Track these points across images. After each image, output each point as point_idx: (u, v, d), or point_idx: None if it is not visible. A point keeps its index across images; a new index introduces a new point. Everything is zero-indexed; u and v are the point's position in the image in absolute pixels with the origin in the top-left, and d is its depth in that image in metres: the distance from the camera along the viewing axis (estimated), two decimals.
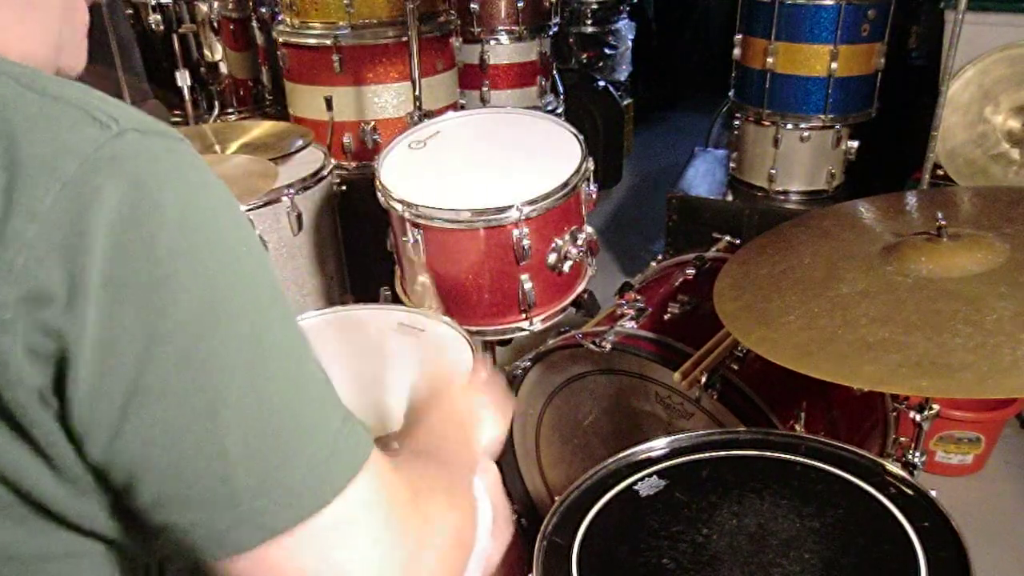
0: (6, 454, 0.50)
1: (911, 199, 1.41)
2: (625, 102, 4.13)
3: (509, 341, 1.72)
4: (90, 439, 0.49)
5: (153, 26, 2.71)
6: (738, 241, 1.86)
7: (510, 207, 1.48)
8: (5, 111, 0.48)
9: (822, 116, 2.54)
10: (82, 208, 0.46)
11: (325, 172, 2.00)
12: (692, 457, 1.09)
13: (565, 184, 1.54)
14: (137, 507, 0.52)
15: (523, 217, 1.49)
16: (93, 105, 0.50)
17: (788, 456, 1.07)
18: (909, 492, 0.98)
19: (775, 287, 1.19)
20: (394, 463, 0.62)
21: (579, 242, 1.60)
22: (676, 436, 1.12)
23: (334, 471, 0.54)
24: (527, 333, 1.63)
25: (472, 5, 2.90)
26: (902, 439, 1.48)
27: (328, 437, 0.55)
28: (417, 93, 2.00)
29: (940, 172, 2.32)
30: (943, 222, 1.13)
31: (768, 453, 1.08)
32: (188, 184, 0.51)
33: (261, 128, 2.13)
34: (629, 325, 1.51)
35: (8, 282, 0.45)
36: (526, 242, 1.51)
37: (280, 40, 2.43)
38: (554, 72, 3.26)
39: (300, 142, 2.03)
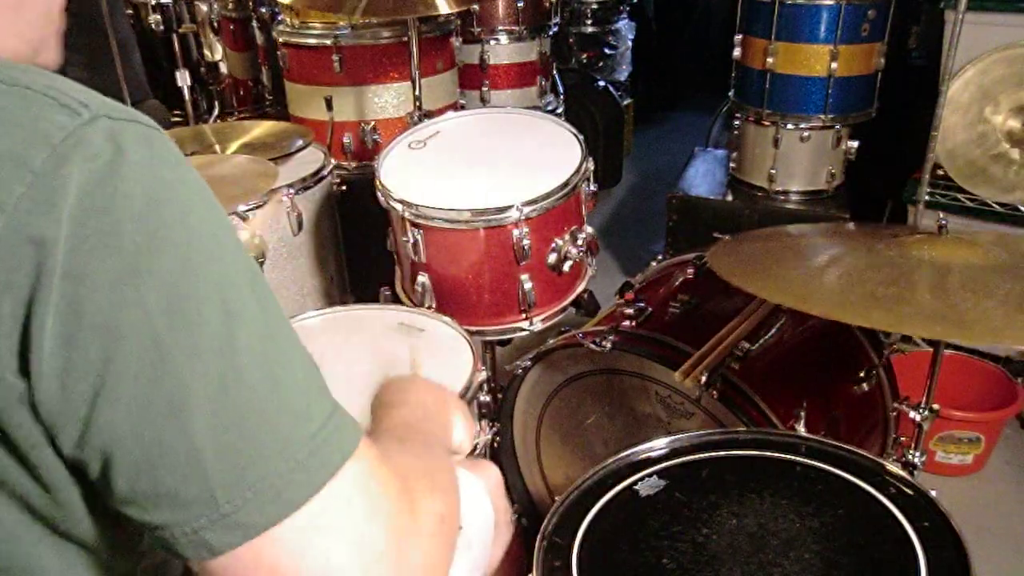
0: None
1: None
2: (625, 102, 4.13)
3: (509, 341, 1.72)
4: (60, 433, 0.48)
5: (153, 26, 2.71)
6: None
7: (510, 207, 1.48)
8: None
9: (822, 116, 2.54)
10: (50, 199, 0.45)
11: (325, 172, 2.00)
12: (692, 457, 1.09)
13: (565, 184, 1.54)
14: (114, 504, 0.51)
15: (523, 217, 1.49)
16: (62, 92, 0.49)
17: (788, 456, 1.07)
18: (909, 492, 0.98)
19: (774, 259, 1.20)
20: (381, 450, 0.60)
21: (579, 242, 1.60)
22: (676, 436, 1.12)
23: (314, 466, 0.52)
24: (527, 333, 1.63)
25: (472, 5, 2.90)
26: (902, 439, 1.48)
27: (309, 430, 0.52)
28: (417, 93, 2.00)
29: (940, 172, 2.32)
30: (943, 221, 1.13)
31: (768, 453, 1.08)
32: (157, 174, 0.50)
33: (261, 128, 2.13)
34: (629, 325, 1.51)
35: None
36: (526, 242, 1.51)
37: (280, 40, 2.43)
38: (554, 72, 3.26)
39: (300, 142, 2.03)
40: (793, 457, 1.07)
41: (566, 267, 1.59)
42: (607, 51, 4.35)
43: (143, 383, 0.47)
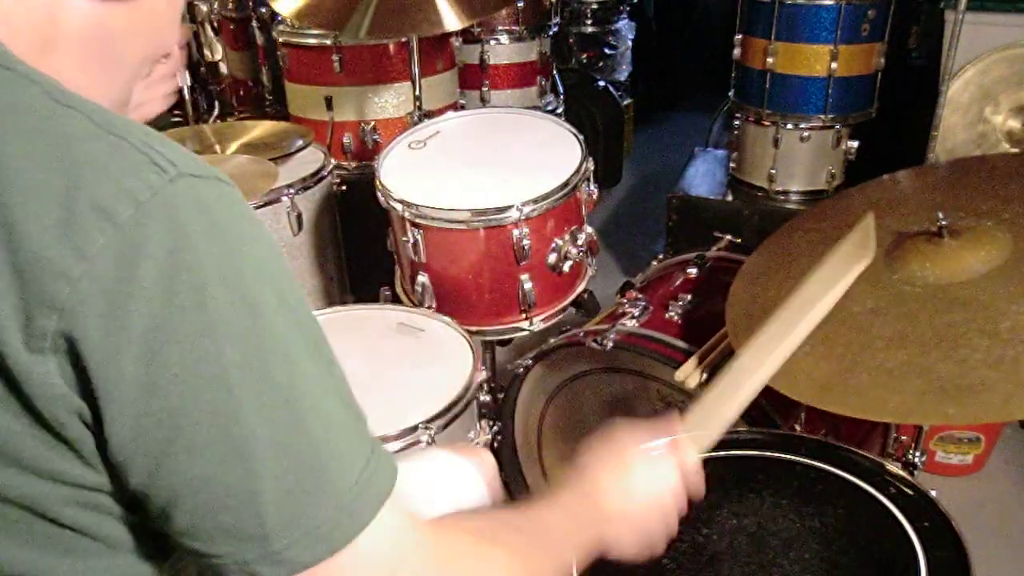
0: (47, 462, 0.51)
1: (903, 183, 1.40)
2: (625, 102, 4.12)
3: (509, 341, 1.72)
4: (130, 471, 0.51)
5: None
6: (739, 241, 1.86)
7: (510, 207, 1.48)
8: (72, 147, 0.49)
9: (822, 116, 2.54)
10: (132, 254, 0.48)
11: (325, 172, 2.00)
12: None
13: (565, 184, 1.54)
14: (169, 532, 0.54)
15: (523, 217, 1.49)
16: (155, 149, 0.51)
17: (788, 456, 1.07)
18: (909, 492, 0.98)
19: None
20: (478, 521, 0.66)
21: (579, 242, 1.60)
22: (676, 436, 1.12)
23: (361, 507, 0.56)
24: (527, 333, 1.63)
25: (475, 20, 2.90)
26: (902, 439, 1.48)
27: (354, 475, 0.56)
28: (417, 93, 2.00)
29: None
30: (943, 222, 1.13)
31: (768, 453, 1.08)
32: (237, 232, 0.53)
33: (261, 128, 2.13)
34: (631, 323, 1.51)
35: (50, 315, 0.47)
36: (526, 242, 1.51)
37: (280, 40, 2.43)
38: (554, 72, 3.26)
39: (300, 142, 2.03)
40: (793, 457, 1.07)
41: (566, 267, 1.59)
42: (607, 51, 4.34)
43: (216, 431, 0.51)
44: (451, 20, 1.77)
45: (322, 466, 0.55)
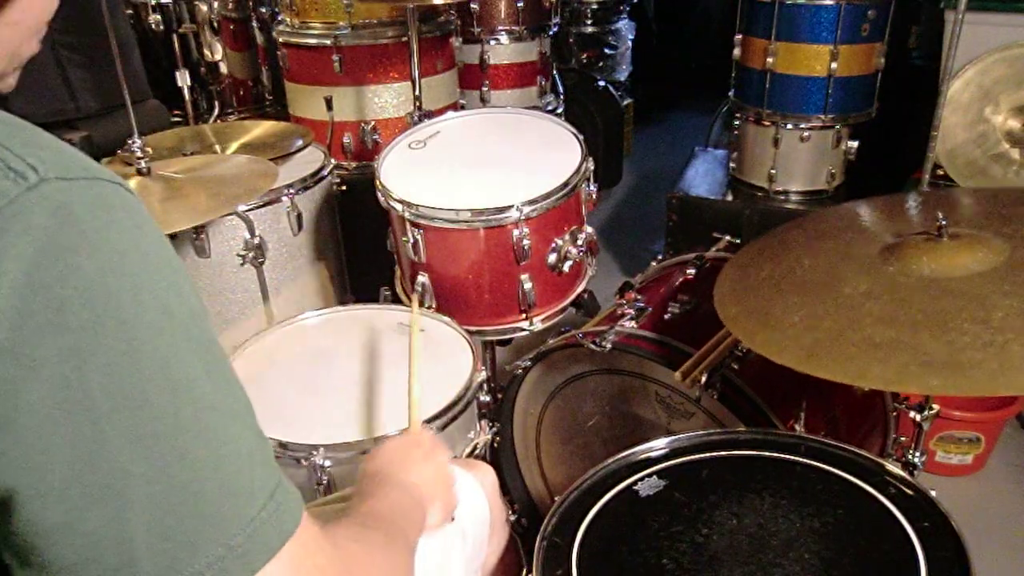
0: None
1: (910, 201, 1.41)
2: (625, 102, 4.12)
3: (509, 341, 1.72)
4: None
5: (153, 26, 2.71)
6: (738, 241, 1.86)
7: (510, 207, 1.48)
8: None
9: (822, 116, 2.54)
10: None
11: (325, 172, 2.00)
12: (692, 457, 1.09)
13: (565, 184, 1.54)
14: None
15: (523, 217, 1.49)
16: (13, 151, 0.45)
17: (788, 456, 1.07)
18: (909, 492, 0.98)
19: (776, 290, 1.19)
20: (335, 532, 0.60)
21: (579, 242, 1.60)
22: (676, 436, 1.12)
23: (252, 550, 0.50)
24: (527, 333, 1.63)
25: (472, 5, 2.90)
26: (902, 439, 1.48)
27: (250, 512, 0.50)
28: (417, 93, 2.00)
29: (940, 172, 2.31)
30: (943, 222, 1.13)
31: (768, 453, 1.08)
32: (110, 243, 0.47)
33: (261, 128, 2.13)
34: (629, 325, 1.51)
35: None
36: (526, 242, 1.51)
37: (280, 40, 2.43)
38: (554, 72, 3.26)
39: (300, 142, 2.03)
40: (793, 457, 1.07)
41: (566, 267, 1.59)
42: (607, 51, 4.34)
43: (79, 469, 0.45)
44: None
45: (208, 503, 0.48)
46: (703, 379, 1.33)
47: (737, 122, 2.76)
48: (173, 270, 0.51)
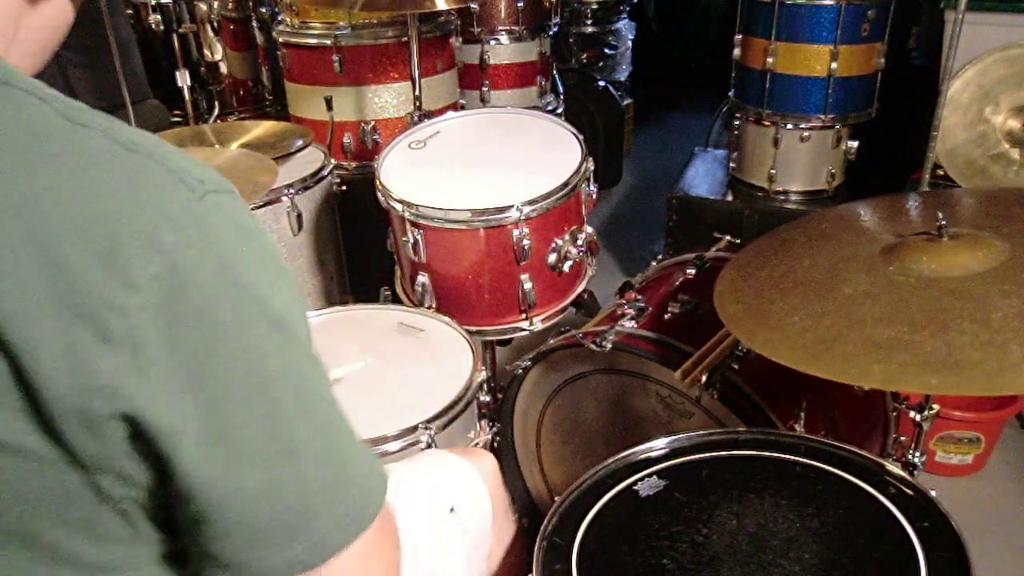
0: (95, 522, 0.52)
1: (910, 201, 1.41)
2: (625, 102, 4.12)
3: (509, 341, 1.72)
4: (192, 498, 0.52)
5: (153, 26, 2.71)
6: (738, 241, 1.85)
7: (510, 207, 1.48)
8: (99, 171, 0.49)
9: (822, 116, 2.54)
10: (179, 280, 0.49)
11: (325, 172, 2.00)
12: (692, 457, 1.09)
13: (565, 184, 1.54)
14: (215, 549, 0.55)
15: (523, 217, 1.49)
16: (180, 165, 0.52)
17: (788, 456, 1.07)
18: (909, 492, 0.98)
19: (776, 289, 1.19)
20: None
21: (579, 242, 1.60)
22: (676, 436, 1.12)
23: (375, 490, 0.62)
24: (527, 333, 1.63)
25: (472, 5, 2.91)
26: (902, 439, 1.48)
27: (366, 462, 0.62)
28: (417, 93, 2.00)
29: (940, 172, 2.31)
30: (943, 222, 1.13)
31: (768, 453, 1.08)
32: (260, 246, 0.56)
33: (261, 128, 2.13)
34: (629, 324, 1.51)
35: (108, 351, 0.47)
36: (526, 242, 1.51)
37: (280, 40, 2.43)
38: (554, 72, 3.26)
39: (300, 142, 2.03)
40: (793, 457, 1.07)
41: (566, 267, 1.59)
42: (607, 51, 4.34)
43: (267, 439, 0.54)
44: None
45: (348, 458, 0.60)
46: (703, 379, 1.33)
47: (737, 122, 2.76)
48: (278, 258, 0.60)
